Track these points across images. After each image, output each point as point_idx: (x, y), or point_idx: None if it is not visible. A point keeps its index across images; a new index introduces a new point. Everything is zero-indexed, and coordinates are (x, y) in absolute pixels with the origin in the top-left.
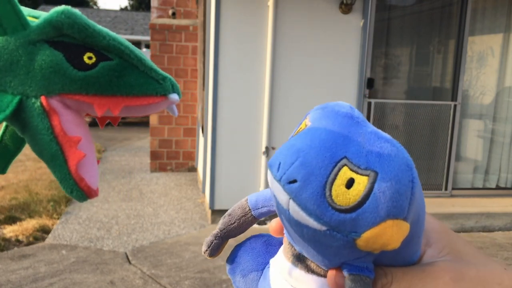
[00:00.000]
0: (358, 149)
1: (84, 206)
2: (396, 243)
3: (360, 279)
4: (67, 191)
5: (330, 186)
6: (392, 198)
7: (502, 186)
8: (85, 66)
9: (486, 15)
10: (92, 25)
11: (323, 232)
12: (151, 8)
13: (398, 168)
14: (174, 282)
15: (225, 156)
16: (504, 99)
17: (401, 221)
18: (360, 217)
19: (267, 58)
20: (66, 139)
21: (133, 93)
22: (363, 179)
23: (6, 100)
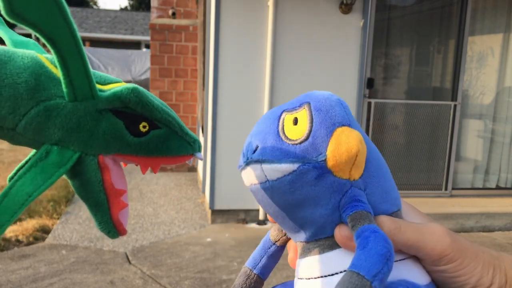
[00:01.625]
0: (289, 103)
1: (84, 206)
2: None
3: (359, 214)
4: (104, 231)
5: (282, 131)
6: (329, 111)
7: (502, 186)
8: (139, 133)
9: (486, 15)
10: (151, 102)
11: (298, 171)
12: (151, 8)
13: (323, 94)
14: (174, 282)
15: (225, 156)
16: (504, 99)
17: (348, 127)
18: (315, 137)
19: (267, 58)
20: (113, 191)
21: (171, 154)
22: (303, 112)
23: (67, 155)
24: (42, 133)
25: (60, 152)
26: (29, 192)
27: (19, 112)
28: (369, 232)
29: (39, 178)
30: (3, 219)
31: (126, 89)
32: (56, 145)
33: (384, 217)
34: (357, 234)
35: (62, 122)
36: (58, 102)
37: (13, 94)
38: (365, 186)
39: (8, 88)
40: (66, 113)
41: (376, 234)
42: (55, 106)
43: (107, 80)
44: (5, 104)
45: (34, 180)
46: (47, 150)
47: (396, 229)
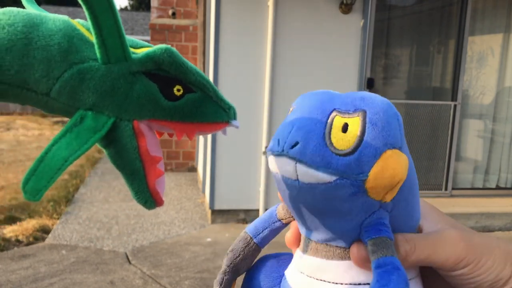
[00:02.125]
0: (343, 101)
1: (84, 206)
2: (401, 174)
3: (381, 240)
4: (141, 201)
5: (328, 135)
6: (385, 129)
7: (502, 186)
8: (174, 97)
9: (486, 15)
10: (185, 63)
11: (333, 184)
12: (151, 8)
13: (382, 103)
14: (174, 282)
15: (225, 156)
16: (504, 99)
17: (398, 151)
18: (362, 154)
19: (267, 58)
20: (149, 158)
21: (207, 120)
22: (355, 119)
23: (102, 121)
24: (76, 97)
25: (95, 117)
26: (65, 156)
27: (53, 75)
28: (392, 268)
29: (74, 143)
30: (40, 184)
31: (159, 49)
32: (91, 110)
33: (400, 235)
34: (378, 263)
35: (96, 85)
36: (91, 65)
37: (46, 56)
38: (392, 208)
39: (41, 50)
40: (99, 76)
41: (399, 273)
42: (88, 69)
43: (139, 44)
44: (39, 67)
45: (70, 145)
46: (82, 115)
47: (411, 250)
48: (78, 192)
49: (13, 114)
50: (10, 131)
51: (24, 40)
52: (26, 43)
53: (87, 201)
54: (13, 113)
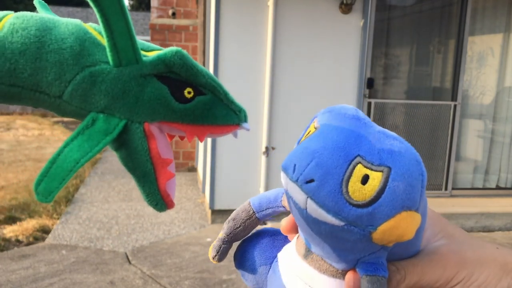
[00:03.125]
0: (370, 148)
1: (84, 206)
2: (410, 234)
3: (377, 279)
4: (152, 204)
5: (346, 183)
6: (406, 191)
7: (502, 186)
8: (184, 99)
9: (486, 15)
10: (196, 66)
11: (340, 228)
12: (151, 8)
13: (409, 163)
14: (174, 282)
15: (225, 156)
16: (504, 99)
17: (414, 213)
18: (377, 210)
19: (267, 58)
20: (160, 160)
21: (217, 123)
22: (378, 174)
23: (113, 123)
24: (88, 100)
25: (106, 120)
26: (77, 158)
27: (65, 78)
28: None
29: (86, 145)
30: (53, 185)
31: (170, 52)
32: (102, 112)
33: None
34: None
35: (108, 88)
36: (103, 68)
37: (59, 60)
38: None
39: (53, 54)
40: (111, 79)
41: None
42: (100, 72)
43: (151, 47)
44: (51, 70)
45: (82, 147)
46: (94, 118)
47: (402, 279)
48: (78, 192)
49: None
50: (10, 131)
51: (37, 43)
52: (39, 47)
53: (87, 201)
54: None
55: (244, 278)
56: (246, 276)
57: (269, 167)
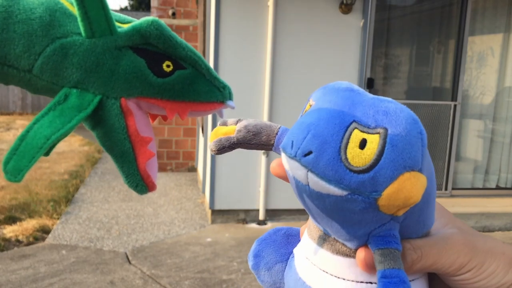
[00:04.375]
0: (364, 112)
1: (84, 206)
2: (417, 196)
3: (389, 252)
4: (132, 185)
5: (344, 150)
6: (405, 150)
7: (502, 186)
8: (163, 73)
9: (486, 15)
10: (174, 37)
11: (344, 198)
12: (151, 8)
13: (406, 121)
14: (174, 282)
15: (225, 156)
16: (504, 99)
17: (417, 173)
18: (378, 174)
19: (267, 58)
20: (138, 138)
21: (199, 99)
22: (375, 137)
23: (87, 99)
24: (60, 74)
25: (80, 95)
26: (47, 135)
27: (34, 50)
28: (398, 280)
29: (58, 121)
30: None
31: (146, 21)
32: (76, 87)
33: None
34: (384, 274)
35: (80, 60)
36: (75, 39)
37: (27, 31)
38: (404, 219)
39: (21, 24)
40: (83, 51)
41: (404, 286)
42: (72, 43)
43: (126, 19)
44: (19, 42)
45: (53, 123)
46: (66, 93)
47: (418, 259)
48: (78, 192)
49: (13, 114)
50: (10, 131)
51: (4, 13)
52: (5, 17)
53: (87, 201)
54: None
55: (261, 279)
56: (263, 277)
57: (269, 168)
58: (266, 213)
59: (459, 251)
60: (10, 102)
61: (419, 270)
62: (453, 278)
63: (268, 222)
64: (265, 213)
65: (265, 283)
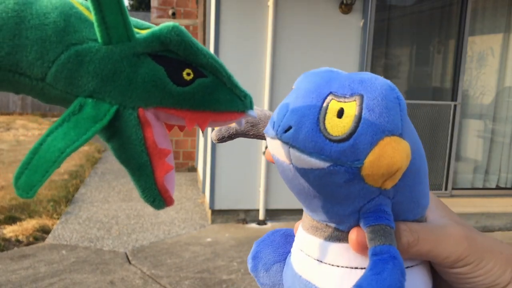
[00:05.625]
0: (340, 84)
1: (84, 206)
2: (400, 162)
3: (380, 228)
4: (149, 200)
5: (323, 121)
6: (382, 114)
7: (502, 186)
8: (183, 82)
9: (486, 15)
10: (196, 43)
11: (327, 170)
12: (151, 8)
13: (381, 87)
14: (174, 282)
15: (225, 156)
16: (504, 99)
17: (398, 138)
18: (358, 141)
19: (267, 58)
20: (157, 151)
21: (220, 109)
22: (351, 105)
23: (104, 109)
24: (75, 83)
25: (95, 105)
26: (62, 148)
27: (48, 57)
28: (388, 256)
29: (72, 133)
30: (35, 178)
31: (166, 27)
32: (91, 97)
33: (403, 225)
34: (374, 251)
35: (96, 68)
36: (90, 46)
37: (40, 37)
38: (394, 195)
39: (34, 30)
40: (100, 58)
41: (394, 263)
42: (87, 50)
43: (144, 25)
44: (32, 49)
45: (67, 136)
46: (81, 103)
47: (414, 242)
48: (78, 192)
49: (13, 114)
50: (10, 131)
51: (16, 18)
52: (17, 22)
53: (87, 201)
54: (13, 113)
55: (260, 282)
56: (262, 279)
57: (269, 167)
58: (266, 213)
59: (458, 243)
60: (10, 102)
61: (415, 255)
62: (449, 270)
63: (268, 222)
64: (265, 213)
65: (265, 285)
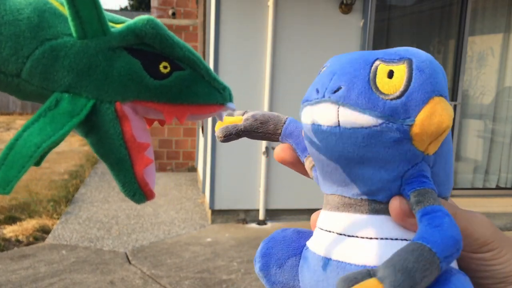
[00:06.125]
0: (385, 53)
1: (84, 206)
2: (448, 121)
3: (426, 191)
4: (129, 194)
5: (374, 81)
6: (432, 76)
7: (502, 186)
8: (160, 75)
9: (486, 15)
10: (171, 36)
11: (379, 128)
12: (151, 8)
13: (426, 55)
14: (174, 282)
15: (225, 156)
16: (504, 99)
17: (445, 100)
18: (410, 98)
19: (267, 58)
20: (135, 144)
21: (198, 102)
22: (401, 67)
23: (80, 104)
24: (50, 78)
25: (72, 100)
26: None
27: (22, 53)
28: (442, 213)
29: (48, 128)
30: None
31: (141, 20)
32: (67, 92)
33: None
34: (426, 211)
35: (72, 63)
36: (65, 41)
37: (14, 32)
38: (434, 164)
39: (8, 26)
40: (75, 53)
41: (450, 218)
42: (62, 45)
43: (120, 19)
44: (6, 44)
45: (43, 130)
46: (57, 98)
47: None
48: (78, 192)
49: (13, 114)
50: (10, 131)
51: None
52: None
53: (87, 201)
54: (13, 113)
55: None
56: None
57: (269, 168)
58: (266, 213)
59: (487, 227)
60: (10, 102)
61: None
62: (473, 255)
63: (268, 222)
64: (265, 213)
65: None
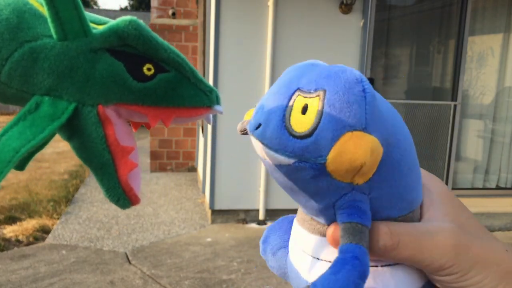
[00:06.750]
0: (309, 79)
1: (84, 206)
2: (362, 157)
3: (350, 226)
4: (113, 199)
5: (288, 117)
6: (343, 109)
7: (502, 186)
8: (144, 77)
9: (486, 15)
10: (155, 38)
11: (293, 166)
12: (151, 8)
13: (346, 81)
14: (174, 282)
15: (225, 156)
16: (504, 99)
17: (361, 133)
18: (319, 137)
19: (267, 58)
20: (119, 148)
21: (184, 104)
22: (315, 100)
23: (61, 107)
24: (30, 81)
25: (52, 103)
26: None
27: (1, 55)
28: (350, 256)
29: (28, 132)
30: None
31: (123, 21)
32: (48, 95)
33: (384, 227)
34: (341, 249)
35: (52, 65)
36: (45, 42)
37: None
38: (370, 190)
39: None
40: (55, 55)
41: (354, 264)
42: (42, 47)
43: (102, 20)
44: None
45: (23, 134)
46: (38, 101)
47: (393, 246)
48: (78, 192)
49: (13, 114)
50: None
51: None
52: None
53: (87, 201)
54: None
55: (269, 264)
56: (270, 262)
57: None
58: (266, 213)
59: (443, 252)
60: None
61: (394, 259)
62: (432, 276)
63: (268, 222)
64: (265, 213)
65: (273, 268)
